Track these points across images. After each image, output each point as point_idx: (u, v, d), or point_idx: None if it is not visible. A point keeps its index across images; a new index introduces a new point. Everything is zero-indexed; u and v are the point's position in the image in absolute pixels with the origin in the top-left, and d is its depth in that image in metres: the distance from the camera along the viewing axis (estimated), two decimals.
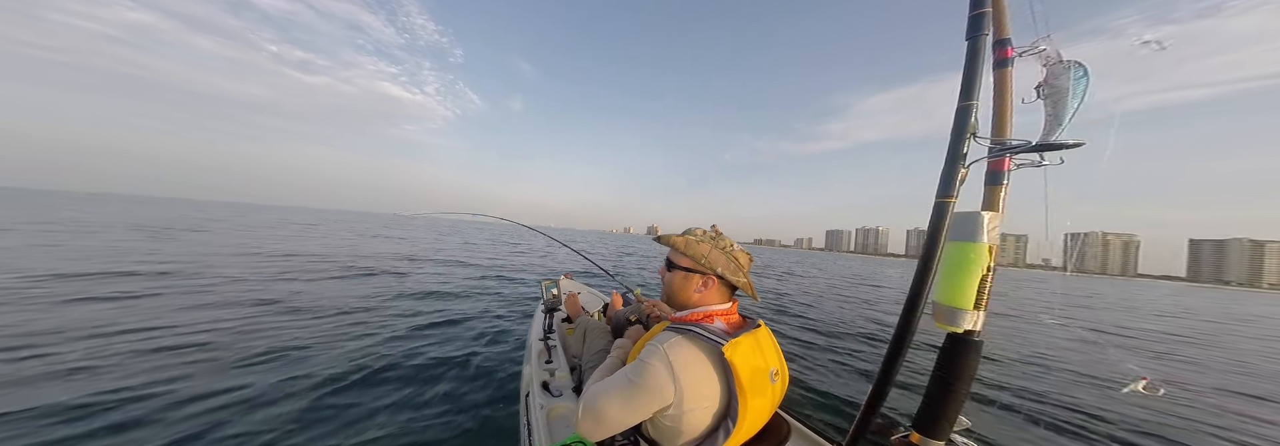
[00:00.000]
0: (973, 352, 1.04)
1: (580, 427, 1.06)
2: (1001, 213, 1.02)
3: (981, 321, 1.01)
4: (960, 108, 1.08)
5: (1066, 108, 0.91)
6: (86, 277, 5.64)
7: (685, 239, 1.19)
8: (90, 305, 4.40)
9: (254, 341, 3.64)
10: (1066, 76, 0.90)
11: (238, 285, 5.86)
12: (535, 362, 2.13)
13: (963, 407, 1.07)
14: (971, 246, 1.00)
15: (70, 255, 7.43)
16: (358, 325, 4.39)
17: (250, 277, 6.46)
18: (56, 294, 4.72)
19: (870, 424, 1.24)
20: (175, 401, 2.54)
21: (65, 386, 2.63)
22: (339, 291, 6.06)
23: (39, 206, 27.05)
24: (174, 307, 4.51)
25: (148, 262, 7.20)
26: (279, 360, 3.30)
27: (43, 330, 3.57)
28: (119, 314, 4.21)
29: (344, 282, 6.78)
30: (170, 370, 2.98)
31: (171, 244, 10.71)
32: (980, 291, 0.99)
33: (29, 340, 3.31)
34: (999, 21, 1.04)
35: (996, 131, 1.03)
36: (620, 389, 1.03)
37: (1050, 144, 0.93)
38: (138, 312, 4.27)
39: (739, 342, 1.03)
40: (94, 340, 3.44)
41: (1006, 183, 1.02)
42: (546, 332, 2.31)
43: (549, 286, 2.40)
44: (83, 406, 2.41)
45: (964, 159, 1.08)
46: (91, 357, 3.07)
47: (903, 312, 1.14)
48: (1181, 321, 11.38)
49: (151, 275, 6.15)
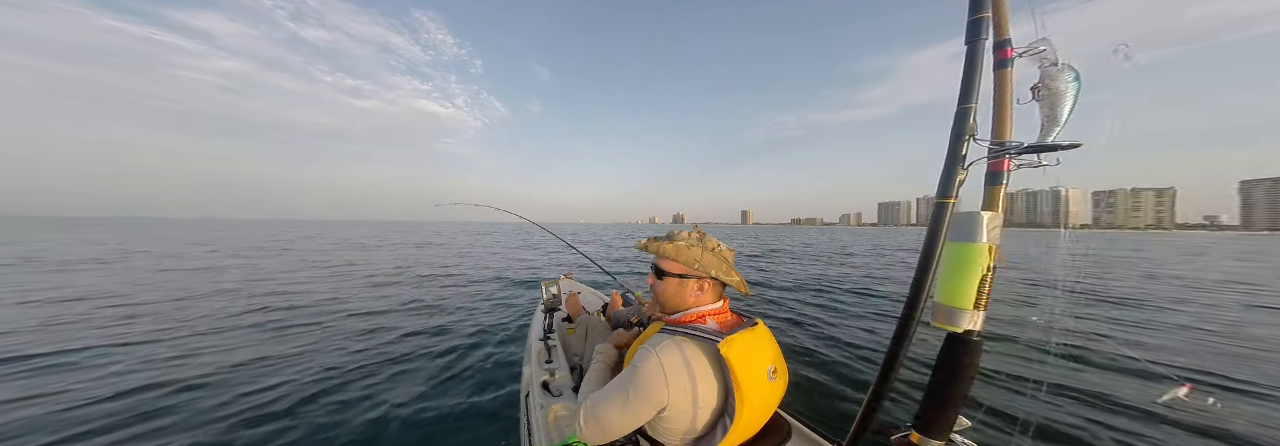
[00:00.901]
0: (972, 352, 1.04)
1: (582, 436, 1.08)
2: (1001, 213, 1.03)
3: (981, 321, 1.02)
4: (959, 110, 1.09)
5: (1062, 109, 0.92)
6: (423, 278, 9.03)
7: (675, 245, 1.19)
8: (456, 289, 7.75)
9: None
10: (1062, 78, 0.91)
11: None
12: (535, 362, 2.13)
13: (962, 407, 1.07)
14: (971, 247, 1.01)
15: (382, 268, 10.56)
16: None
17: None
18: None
19: (870, 424, 1.24)
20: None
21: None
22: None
23: (208, 232, 31.14)
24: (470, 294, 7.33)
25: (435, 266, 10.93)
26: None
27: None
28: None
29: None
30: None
31: (379, 252, 14.80)
32: (980, 291, 1.00)
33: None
34: (999, 22, 1.06)
35: (996, 132, 1.04)
36: (617, 395, 1.05)
37: (1047, 145, 0.94)
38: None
39: (735, 339, 1.04)
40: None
41: (1006, 183, 1.04)
42: (546, 332, 2.31)
43: (549, 286, 2.40)
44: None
45: (963, 160, 1.09)
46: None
47: (902, 313, 1.16)
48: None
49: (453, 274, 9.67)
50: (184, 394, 2.94)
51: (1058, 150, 0.94)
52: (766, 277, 10.00)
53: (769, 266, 12.52)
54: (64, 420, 2.58)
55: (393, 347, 4.07)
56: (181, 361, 3.58)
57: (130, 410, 2.71)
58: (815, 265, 12.96)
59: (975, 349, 1.05)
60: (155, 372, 3.31)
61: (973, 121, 1.09)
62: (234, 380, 3.19)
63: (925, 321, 1.12)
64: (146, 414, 2.68)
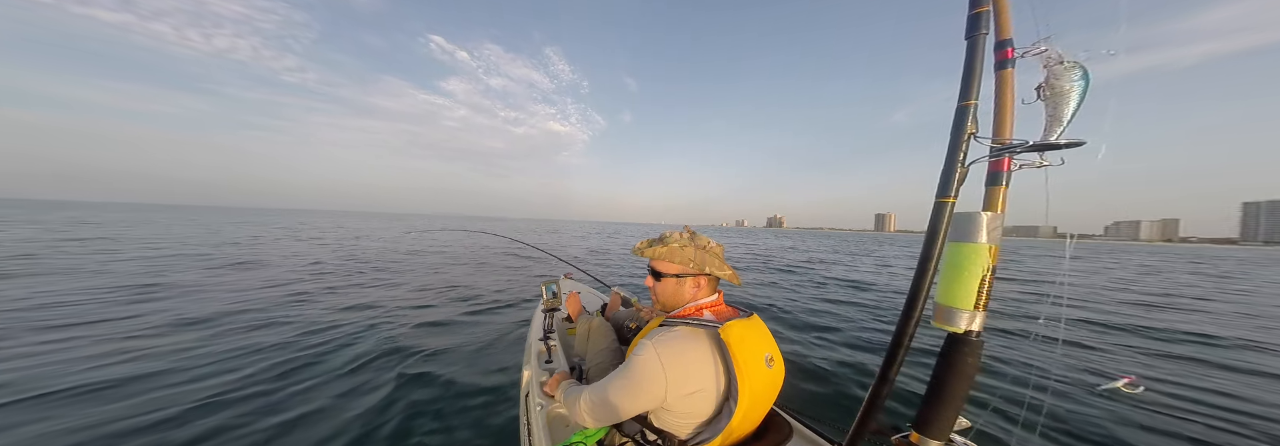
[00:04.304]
0: (972, 352, 1.04)
1: (580, 419, 1.18)
2: (1002, 213, 1.02)
3: (981, 321, 1.01)
4: (959, 108, 1.08)
5: (1066, 109, 0.90)
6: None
7: (669, 248, 1.25)
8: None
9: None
10: (1067, 78, 0.89)
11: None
12: (535, 363, 2.13)
13: (962, 407, 1.07)
14: (972, 247, 1.00)
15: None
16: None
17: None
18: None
19: (870, 424, 1.24)
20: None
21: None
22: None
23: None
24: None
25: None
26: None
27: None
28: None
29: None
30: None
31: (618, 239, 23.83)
32: (980, 291, 0.99)
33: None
34: (1000, 22, 1.04)
35: (997, 131, 1.03)
36: (614, 381, 1.12)
37: (1049, 144, 0.92)
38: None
39: (733, 325, 1.10)
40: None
41: (1007, 183, 1.02)
42: (546, 333, 2.31)
43: (548, 286, 2.39)
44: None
45: (964, 159, 1.08)
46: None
47: (902, 313, 1.15)
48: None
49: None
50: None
51: (1060, 149, 0.92)
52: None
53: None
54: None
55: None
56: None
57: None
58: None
59: (975, 349, 1.04)
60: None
61: (973, 119, 1.08)
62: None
63: (925, 321, 1.12)
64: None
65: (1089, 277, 12.68)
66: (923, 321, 1.15)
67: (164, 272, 7.23)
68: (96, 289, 5.68)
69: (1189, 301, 8.42)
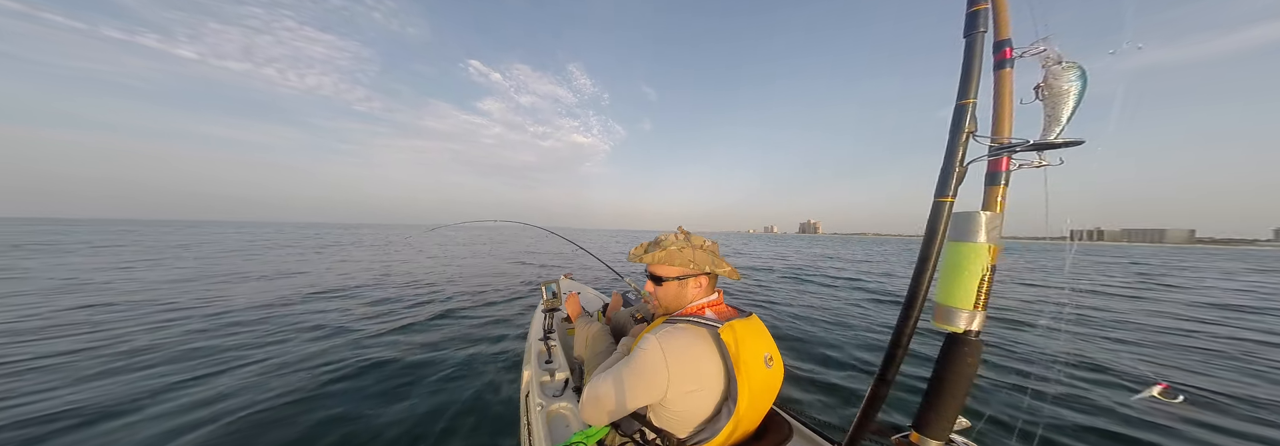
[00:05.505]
0: (972, 352, 1.04)
1: (582, 411, 1.18)
2: (1001, 213, 1.01)
3: (981, 321, 1.01)
4: (957, 106, 1.08)
5: (1065, 109, 0.90)
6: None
7: (667, 252, 1.25)
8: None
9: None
10: (1065, 77, 0.89)
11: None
12: (535, 363, 2.13)
13: (962, 407, 1.07)
14: (971, 246, 0.99)
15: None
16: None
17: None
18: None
19: (870, 424, 1.24)
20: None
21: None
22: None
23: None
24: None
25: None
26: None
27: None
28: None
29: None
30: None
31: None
32: (980, 291, 0.99)
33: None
34: (999, 21, 1.04)
35: (996, 131, 1.02)
36: (616, 374, 1.13)
37: (1048, 143, 0.92)
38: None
39: (733, 324, 1.10)
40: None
41: (1006, 183, 1.02)
42: (546, 333, 2.31)
43: (548, 286, 2.39)
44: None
45: (962, 158, 1.08)
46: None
47: (901, 312, 1.15)
48: None
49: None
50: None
51: (1058, 148, 0.92)
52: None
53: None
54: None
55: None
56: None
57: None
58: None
59: (975, 349, 1.04)
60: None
61: (972, 118, 1.07)
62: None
63: (925, 321, 1.12)
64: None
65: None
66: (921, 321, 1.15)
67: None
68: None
69: None
